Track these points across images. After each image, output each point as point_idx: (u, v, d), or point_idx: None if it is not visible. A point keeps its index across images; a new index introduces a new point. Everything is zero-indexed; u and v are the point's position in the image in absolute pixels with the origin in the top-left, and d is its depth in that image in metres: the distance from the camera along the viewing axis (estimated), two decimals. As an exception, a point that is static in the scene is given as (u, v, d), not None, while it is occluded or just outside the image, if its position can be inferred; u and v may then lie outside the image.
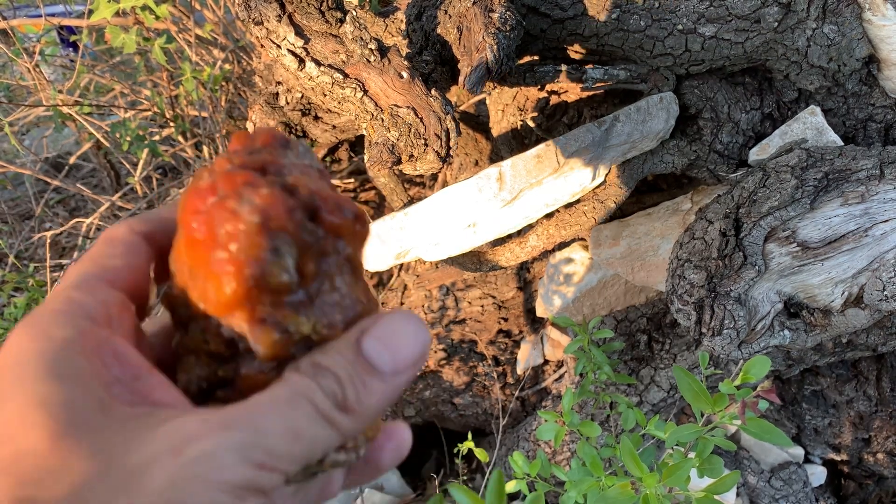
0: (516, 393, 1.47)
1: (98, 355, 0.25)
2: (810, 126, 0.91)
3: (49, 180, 1.82)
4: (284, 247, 0.26)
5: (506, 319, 1.53)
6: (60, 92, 1.68)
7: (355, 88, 0.76)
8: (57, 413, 0.22)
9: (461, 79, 0.77)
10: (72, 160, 2.02)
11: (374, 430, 0.30)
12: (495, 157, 1.35)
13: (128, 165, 1.98)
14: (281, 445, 0.24)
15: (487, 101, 1.29)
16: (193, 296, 0.27)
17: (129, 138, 1.62)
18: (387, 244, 0.87)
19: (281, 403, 0.25)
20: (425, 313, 1.53)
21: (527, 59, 0.99)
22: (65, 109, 1.63)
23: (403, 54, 0.78)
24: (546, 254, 1.43)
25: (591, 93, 1.06)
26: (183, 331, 0.28)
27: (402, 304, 1.56)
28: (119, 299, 0.28)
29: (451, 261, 0.95)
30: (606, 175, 0.94)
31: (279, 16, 0.73)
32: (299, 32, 0.74)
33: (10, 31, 1.49)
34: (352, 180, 1.97)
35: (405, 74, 0.76)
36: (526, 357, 1.48)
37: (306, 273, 0.27)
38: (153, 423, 0.23)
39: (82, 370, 0.24)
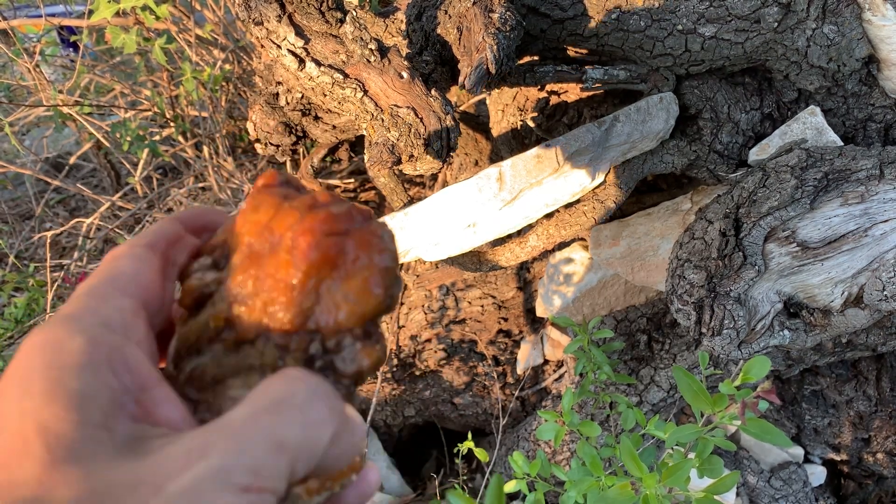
0: (516, 393, 1.47)
1: (108, 364, 0.24)
2: (810, 126, 0.91)
3: (49, 180, 1.82)
4: (399, 275, 0.29)
5: (506, 319, 1.53)
6: (61, 92, 1.68)
7: (355, 88, 0.76)
8: (53, 442, 0.22)
9: (461, 79, 0.77)
10: (72, 160, 2.03)
11: (346, 474, 0.30)
12: (495, 157, 1.35)
13: (128, 165, 1.98)
14: (264, 460, 0.22)
15: (487, 101, 1.29)
16: (288, 311, 0.28)
17: (129, 138, 1.62)
18: (387, 244, 0.87)
19: (261, 414, 0.23)
20: (425, 313, 1.53)
21: (527, 59, 0.99)
22: (65, 109, 1.63)
23: (403, 54, 0.78)
24: (546, 254, 1.43)
25: (591, 93, 1.06)
26: (236, 348, 0.29)
27: (401, 304, 1.56)
28: (132, 305, 0.28)
29: (451, 261, 0.95)
30: (606, 175, 0.94)
31: (279, 16, 0.73)
32: (299, 33, 0.74)
33: (10, 32, 1.49)
34: (352, 180, 1.97)
35: (405, 74, 0.76)
36: (526, 357, 1.48)
37: None
38: (144, 451, 0.23)
39: (87, 387, 0.23)
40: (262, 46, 0.77)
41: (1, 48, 1.51)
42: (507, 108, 1.19)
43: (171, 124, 1.80)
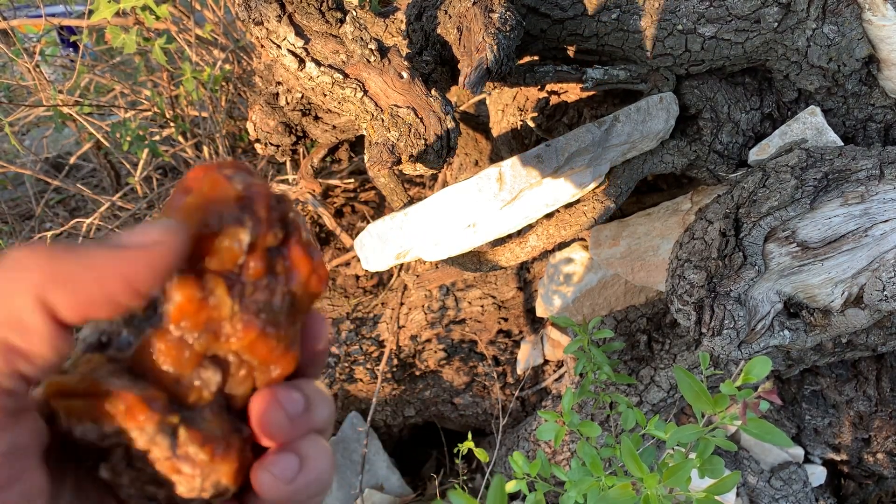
0: (516, 393, 1.47)
1: None
2: (810, 126, 0.91)
3: (49, 180, 1.82)
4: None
5: (506, 319, 1.53)
6: (61, 92, 1.68)
7: (355, 88, 0.76)
8: None
9: (461, 79, 0.77)
10: (72, 160, 2.02)
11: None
12: (495, 157, 1.35)
13: (128, 165, 1.98)
14: None
15: (487, 101, 1.29)
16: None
17: (129, 138, 1.62)
18: (387, 244, 0.87)
19: None
20: (425, 313, 1.53)
21: (527, 59, 0.99)
22: (65, 109, 1.63)
23: (403, 54, 0.78)
24: (546, 254, 1.43)
25: (590, 93, 1.06)
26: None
27: (401, 304, 1.56)
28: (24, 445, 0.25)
29: (451, 261, 0.95)
30: (606, 175, 0.94)
31: (279, 16, 0.73)
32: (299, 33, 0.74)
33: (10, 32, 1.49)
34: (352, 180, 1.97)
35: (405, 74, 0.76)
36: (526, 357, 1.48)
37: None
38: None
39: None
40: (262, 46, 0.77)
41: (1, 48, 1.51)
42: (507, 108, 1.19)
43: (171, 124, 1.80)
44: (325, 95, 0.79)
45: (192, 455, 0.27)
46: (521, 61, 0.98)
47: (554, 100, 1.12)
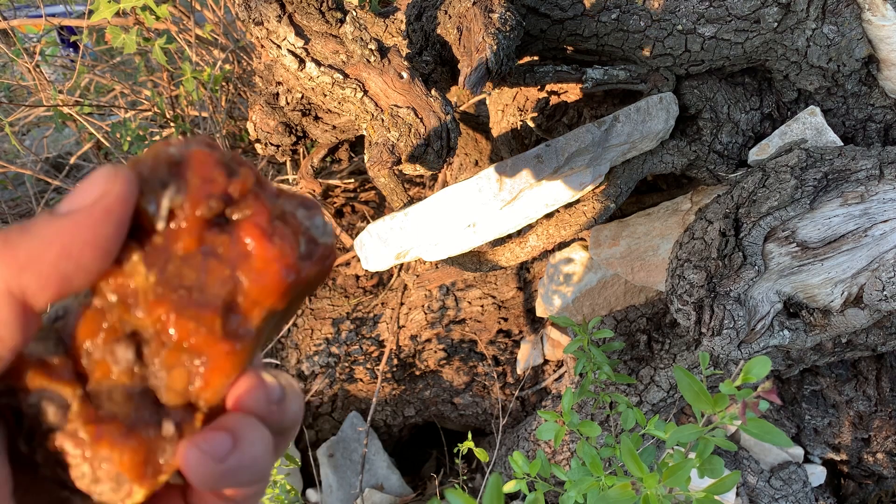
0: (516, 393, 1.47)
1: None
2: (810, 126, 0.91)
3: (49, 180, 1.82)
4: None
5: (506, 319, 1.53)
6: (61, 92, 1.68)
7: (355, 89, 0.76)
8: None
9: (461, 79, 0.77)
10: (72, 160, 2.02)
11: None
12: (495, 157, 1.35)
13: (128, 165, 1.98)
14: None
15: (487, 102, 1.29)
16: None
17: (129, 138, 1.62)
18: (387, 244, 0.87)
19: None
20: (425, 313, 1.53)
21: (527, 59, 0.99)
22: (65, 109, 1.63)
23: (403, 54, 0.78)
24: (546, 254, 1.43)
25: (590, 93, 1.06)
26: None
27: (402, 304, 1.56)
28: None
29: (451, 261, 0.95)
30: (606, 175, 0.94)
31: (279, 16, 0.73)
32: (299, 33, 0.74)
33: (10, 32, 1.49)
34: (352, 180, 1.97)
35: (405, 75, 0.76)
36: (526, 357, 1.48)
37: None
38: None
39: None
40: (262, 46, 0.78)
41: (1, 48, 1.51)
42: (507, 108, 1.19)
43: (172, 124, 1.80)
44: (325, 95, 0.79)
45: (75, 432, 0.25)
46: (521, 61, 0.98)
47: (554, 100, 1.12)
